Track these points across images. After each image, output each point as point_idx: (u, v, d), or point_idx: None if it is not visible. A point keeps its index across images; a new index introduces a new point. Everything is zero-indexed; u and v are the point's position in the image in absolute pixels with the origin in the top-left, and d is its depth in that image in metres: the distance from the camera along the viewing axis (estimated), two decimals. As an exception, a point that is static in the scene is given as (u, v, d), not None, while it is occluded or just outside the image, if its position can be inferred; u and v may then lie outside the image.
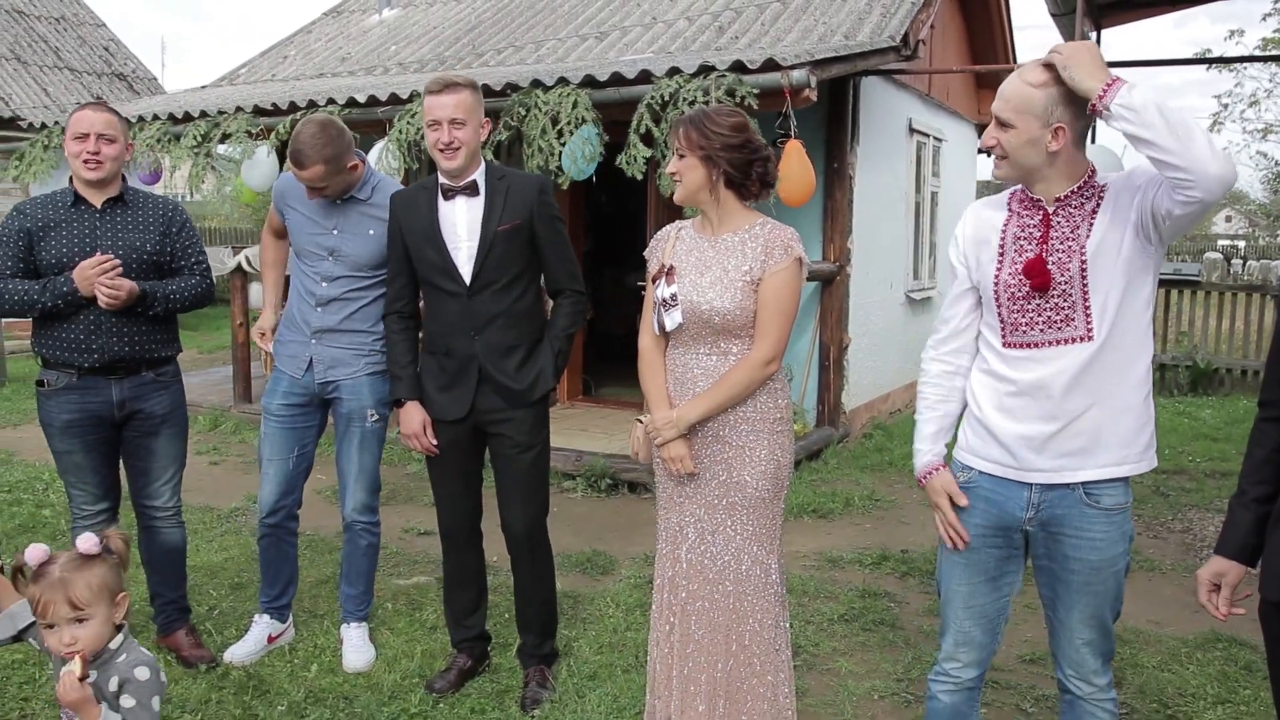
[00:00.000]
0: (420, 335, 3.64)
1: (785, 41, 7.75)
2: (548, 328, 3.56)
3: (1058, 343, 2.41)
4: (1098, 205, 2.41)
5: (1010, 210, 2.51)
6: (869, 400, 8.26)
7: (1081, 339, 2.40)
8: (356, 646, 3.88)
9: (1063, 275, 2.38)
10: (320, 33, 11.33)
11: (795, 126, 5.84)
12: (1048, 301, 2.40)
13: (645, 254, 3.20)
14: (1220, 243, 31.88)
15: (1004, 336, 2.48)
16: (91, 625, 2.18)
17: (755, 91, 5.68)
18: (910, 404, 9.26)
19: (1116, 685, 2.72)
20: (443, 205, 3.47)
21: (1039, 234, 2.42)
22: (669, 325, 3.00)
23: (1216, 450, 7.73)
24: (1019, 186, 2.51)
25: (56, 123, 8.51)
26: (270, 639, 3.93)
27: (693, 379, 3.01)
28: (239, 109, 7.45)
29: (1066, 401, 2.41)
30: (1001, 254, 2.48)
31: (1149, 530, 5.76)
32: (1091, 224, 2.40)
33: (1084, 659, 2.53)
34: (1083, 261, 2.39)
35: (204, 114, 7.58)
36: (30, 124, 9.22)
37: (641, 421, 3.18)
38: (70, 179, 3.57)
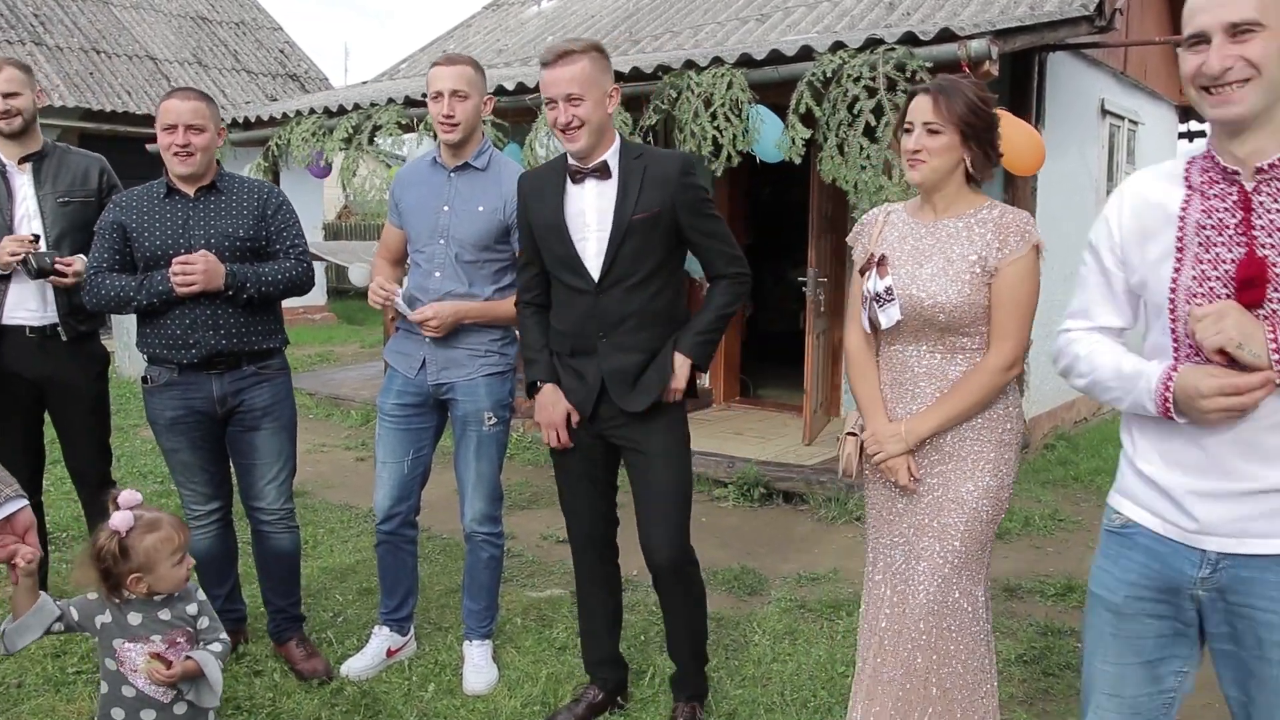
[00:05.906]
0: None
1: (963, 16, 7.12)
2: (703, 307, 3.08)
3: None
4: None
5: (1190, 188, 1.81)
6: (1051, 408, 7.52)
7: None
8: (478, 667, 3.59)
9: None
10: (479, 26, 11.29)
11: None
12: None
13: (849, 240, 2.79)
14: None
15: (1177, 357, 1.81)
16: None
17: (928, 66, 5.12)
18: (1097, 412, 8.44)
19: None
20: (571, 190, 3.05)
21: (1236, 219, 1.73)
22: (885, 323, 2.59)
23: None
24: (1198, 154, 1.84)
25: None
26: (390, 652, 3.69)
27: (913, 379, 2.60)
28: (390, 100, 7.36)
29: (1259, 457, 1.74)
30: (1181, 249, 1.80)
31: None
32: None
33: None
34: None
35: (356, 106, 7.53)
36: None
37: (855, 434, 2.74)
38: (164, 170, 3.41)
